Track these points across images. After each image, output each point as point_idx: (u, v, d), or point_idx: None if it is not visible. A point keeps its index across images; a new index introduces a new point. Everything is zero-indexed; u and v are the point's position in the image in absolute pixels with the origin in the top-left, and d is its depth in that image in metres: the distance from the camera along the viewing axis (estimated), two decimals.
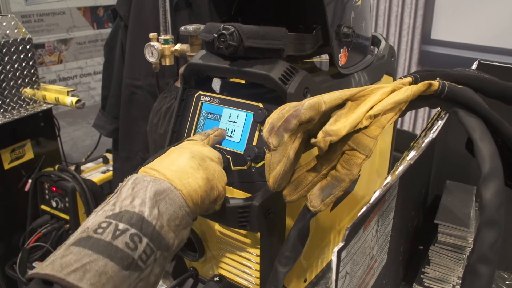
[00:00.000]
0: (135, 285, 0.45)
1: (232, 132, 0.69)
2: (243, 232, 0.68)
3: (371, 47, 0.89)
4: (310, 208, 0.52)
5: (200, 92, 0.74)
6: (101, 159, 2.11)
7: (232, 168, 0.68)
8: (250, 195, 0.65)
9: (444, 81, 0.49)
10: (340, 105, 0.52)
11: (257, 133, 0.66)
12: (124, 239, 0.45)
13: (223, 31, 0.63)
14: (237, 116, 0.69)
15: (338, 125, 0.49)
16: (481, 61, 0.75)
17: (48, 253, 1.75)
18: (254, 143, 0.66)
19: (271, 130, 0.48)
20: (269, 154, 0.51)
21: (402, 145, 0.76)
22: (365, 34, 0.80)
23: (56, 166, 1.84)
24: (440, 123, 0.49)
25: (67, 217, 1.79)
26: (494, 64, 0.74)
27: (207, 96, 0.73)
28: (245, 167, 0.67)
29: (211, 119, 0.72)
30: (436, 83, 0.49)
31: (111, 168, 2.00)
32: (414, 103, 0.51)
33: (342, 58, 0.72)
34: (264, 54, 0.64)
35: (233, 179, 0.68)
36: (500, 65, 0.72)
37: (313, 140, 0.49)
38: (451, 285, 0.76)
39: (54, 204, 1.80)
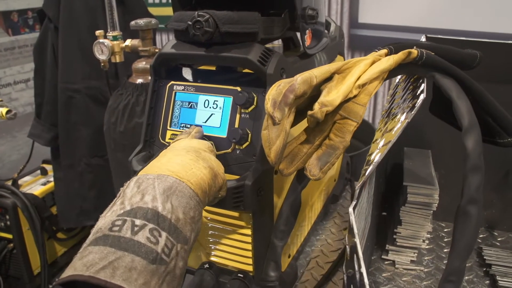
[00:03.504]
0: (163, 278, 0.44)
1: (209, 118, 0.70)
2: (234, 214, 0.69)
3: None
4: (310, 177, 0.55)
5: (172, 82, 0.74)
6: (38, 171, 1.99)
7: (216, 152, 0.69)
8: (238, 177, 0.67)
9: (421, 49, 0.54)
10: (328, 79, 0.55)
11: (238, 116, 0.68)
12: (144, 234, 0.44)
13: (199, 18, 0.63)
14: (214, 102, 0.70)
15: (332, 96, 0.52)
16: (428, 36, 0.83)
17: None
18: (236, 125, 0.68)
19: (274, 105, 0.50)
20: (265, 131, 0.53)
21: (359, 133, 0.80)
22: (321, 17, 0.85)
23: None
24: (423, 85, 0.54)
25: (10, 236, 1.68)
26: (439, 37, 0.82)
27: (181, 85, 0.73)
28: (229, 150, 0.68)
29: (186, 107, 0.72)
30: (415, 51, 0.54)
31: (51, 179, 1.89)
32: (394, 71, 0.56)
33: (307, 39, 0.75)
34: (240, 39, 0.66)
35: None
36: (446, 38, 0.80)
37: (310, 112, 0.52)
38: (421, 240, 0.83)
39: None
